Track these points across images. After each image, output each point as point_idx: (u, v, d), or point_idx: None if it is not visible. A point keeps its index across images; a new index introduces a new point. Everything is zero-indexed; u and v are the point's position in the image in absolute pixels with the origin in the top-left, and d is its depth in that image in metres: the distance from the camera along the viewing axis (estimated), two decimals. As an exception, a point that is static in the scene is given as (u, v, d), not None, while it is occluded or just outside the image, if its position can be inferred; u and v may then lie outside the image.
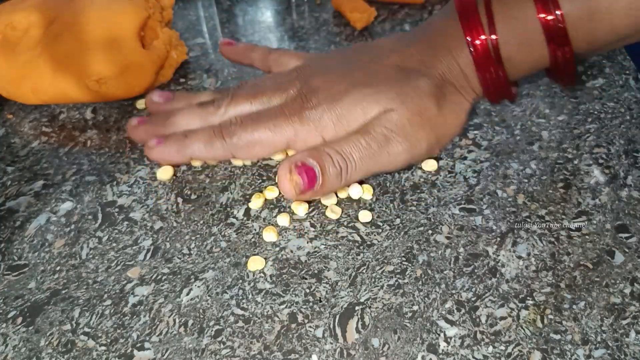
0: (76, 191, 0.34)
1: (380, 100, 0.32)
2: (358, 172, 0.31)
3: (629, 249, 0.29)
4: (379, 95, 0.32)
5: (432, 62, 0.33)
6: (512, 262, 0.29)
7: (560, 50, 0.32)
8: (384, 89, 0.32)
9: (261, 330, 0.27)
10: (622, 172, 0.34)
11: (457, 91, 0.34)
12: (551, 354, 0.25)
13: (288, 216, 0.32)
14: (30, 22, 0.38)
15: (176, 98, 0.37)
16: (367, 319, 0.27)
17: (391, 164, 0.32)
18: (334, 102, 0.32)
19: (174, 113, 0.35)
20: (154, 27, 0.41)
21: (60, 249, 0.31)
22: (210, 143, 0.33)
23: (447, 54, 0.33)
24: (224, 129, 0.33)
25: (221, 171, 0.35)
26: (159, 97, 0.37)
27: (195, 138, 0.33)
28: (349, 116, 0.32)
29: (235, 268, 0.30)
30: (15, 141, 0.38)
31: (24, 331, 0.27)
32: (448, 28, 0.34)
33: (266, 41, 0.47)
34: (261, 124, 0.33)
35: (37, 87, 0.38)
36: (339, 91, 0.32)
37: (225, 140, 0.33)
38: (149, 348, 0.26)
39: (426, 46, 0.34)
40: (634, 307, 0.27)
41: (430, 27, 0.35)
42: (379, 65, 0.34)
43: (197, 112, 0.35)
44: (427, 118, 0.32)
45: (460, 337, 0.26)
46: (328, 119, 0.32)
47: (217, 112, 0.34)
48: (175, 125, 0.35)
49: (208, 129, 0.33)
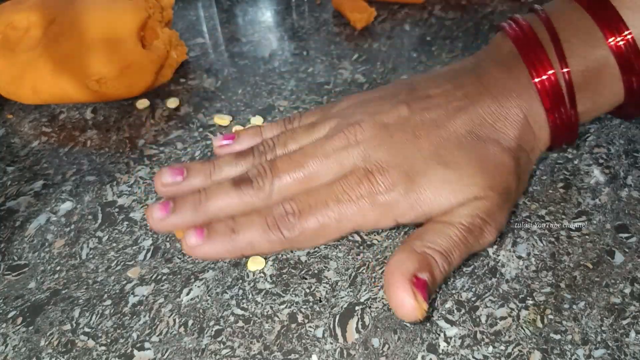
0: (76, 191, 0.34)
1: (466, 189, 0.27)
2: (456, 267, 0.27)
3: (629, 249, 0.29)
4: (465, 182, 0.27)
5: (506, 129, 0.28)
6: (512, 262, 0.29)
7: (636, 77, 0.28)
8: (469, 172, 0.27)
9: (261, 330, 0.27)
10: (622, 172, 0.34)
11: (528, 157, 0.29)
12: (551, 354, 0.25)
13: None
14: (30, 22, 0.38)
15: (191, 172, 0.30)
16: (367, 319, 0.27)
17: (480, 249, 0.28)
18: (411, 184, 0.27)
19: (206, 196, 0.28)
20: (154, 27, 0.41)
21: (60, 249, 0.31)
22: (266, 237, 0.27)
23: (517, 108, 0.29)
24: (279, 221, 0.27)
25: (221, 171, 0.35)
26: (172, 177, 0.30)
27: (246, 233, 0.27)
28: (431, 203, 0.27)
29: (235, 268, 0.30)
30: (15, 141, 0.38)
31: (24, 331, 0.27)
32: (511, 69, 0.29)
33: (266, 41, 0.47)
34: (322, 209, 0.27)
35: (37, 87, 0.38)
36: (413, 170, 0.27)
37: (283, 234, 0.27)
38: (149, 348, 0.26)
39: (492, 100, 0.29)
40: (634, 307, 0.27)
41: (488, 71, 0.30)
42: (446, 130, 0.28)
43: (234, 194, 0.28)
44: (511, 198, 0.28)
45: (460, 337, 0.26)
46: (406, 204, 0.27)
47: (260, 194, 0.28)
48: (211, 212, 0.28)
49: (259, 220, 0.27)
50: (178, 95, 0.42)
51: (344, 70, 0.43)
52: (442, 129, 0.28)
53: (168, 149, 0.37)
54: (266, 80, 0.43)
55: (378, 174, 0.27)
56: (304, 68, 0.44)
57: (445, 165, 0.27)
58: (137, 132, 0.39)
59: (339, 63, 0.44)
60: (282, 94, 0.41)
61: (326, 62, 0.44)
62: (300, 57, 0.45)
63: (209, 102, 0.41)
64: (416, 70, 0.43)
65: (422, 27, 0.48)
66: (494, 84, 0.29)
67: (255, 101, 0.41)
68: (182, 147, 0.37)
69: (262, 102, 0.41)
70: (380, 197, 0.27)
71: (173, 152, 0.37)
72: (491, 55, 0.31)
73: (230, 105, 0.41)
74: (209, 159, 0.36)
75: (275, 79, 0.43)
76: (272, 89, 0.42)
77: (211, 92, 0.42)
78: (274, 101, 0.41)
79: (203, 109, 0.40)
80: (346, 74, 0.43)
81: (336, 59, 0.45)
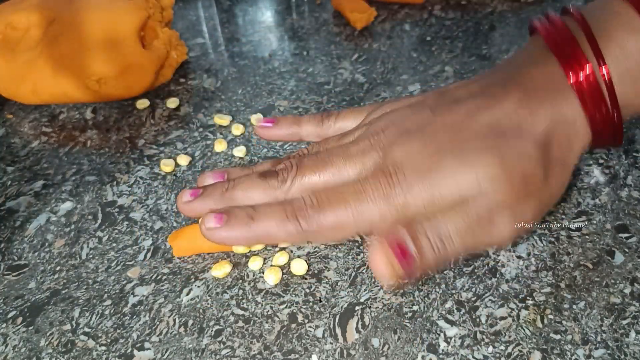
0: (76, 191, 0.34)
1: (478, 170, 0.26)
2: (456, 254, 0.27)
3: (629, 249, 0.29)
4: (476, 165, 0.27)
5: (532, 118, 0.28)
6: (512, 262, 0.29)
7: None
8: (481, 156, 0.27)
9: (261, 330, 0.27)
10: (622, 172, 0.34)
11: (563, 149, 0.28)
12: (551, 354, 0.25)
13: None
14: (30, 22, 0.38)
15: (230, 172, 0.32)
16: (367, 319, 0.27)
17: (494, 241, 0.28)
18: (424, 178, 0.27)
19: (233, 184, 0.30)
20: (154, 27, 0.41)
21: (60, 249, 0.31)
22: (283, 227, 0.28)
23: (547, 103, 0.28)
24: (298, 210, 0.27)
25: (221, 171, 0.35)
26: (213, 178, 0.31)
27: (264, 221, 0.28)
28: (443, 192, 0.27)
29: (235, 268, 0.30)
30: (15, 141, 0.38)
31: (24, 331, 0.27)
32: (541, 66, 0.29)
33: (266, 41, 0.47)
34: (341, 205, 0.27)
35: (37, 87, 0.38)
36: (426, 164, 0.27)
37: (301, 224, 0.27)
38: (149, 348, 0.26)
39: (519, 97, 0.28)
40: (634, 307, 0.27)
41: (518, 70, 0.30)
42: (468, 131, 0.28)
43: (259, 184, 0.29)
44: (533, 187, 0.27)
45: (460, 337, 0.26)
46: (419, 198, 0.27)
47: (283, 186, 0.29)
48: (235, 199, 0.29)
49: (278, 209, 0.28)
50: (178, 95, 0.42)
51: (344, 70, 0.43)
52: (464, 131, 0.28)
53: (168, 149, 0.37)
54: (266, 80, 0.43)
55: (393, 169, 0.28)
56: (304, 68, 0.44)
57: (457, 153, 0.27)
58: (137, 132, 0.39)
59: (339, 63, 0.44)
60: (282, 94, 0.41)
61: (326, 62, 0.44)
62: (300, 57, 0.45)
63: (209, 102, 0.41)
64: (416, 70, 0.43)
65: (422, 27, 0.48)
66: (522, 80, 0.29)
67: (255, 101, 0.41)
68: (182, 147, 0.37)
69: (262, 102, 0.41)
70: (395, 193, 0.27)
71: (173, 152, 0.37)
72: (523, 54, 0.31)
73: (230, 105, 0.41)
74: (209, 158, 0.36)
75: (275, 79, 0.43)
76: (272, 89, 0.42)
77: (211, 92, 0.42)
78: (274, 101, 0.41)
79: (203, 109, 0.40)
80: (346, 74, 0.43)
81: (336, 59, 0.45)
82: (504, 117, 0.28)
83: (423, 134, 0.29)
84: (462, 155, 0.27)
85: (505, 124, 0.28)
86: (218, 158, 0.36)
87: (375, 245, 0.26)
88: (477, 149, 0.27)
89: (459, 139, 0.28)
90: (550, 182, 0.28)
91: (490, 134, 0.28)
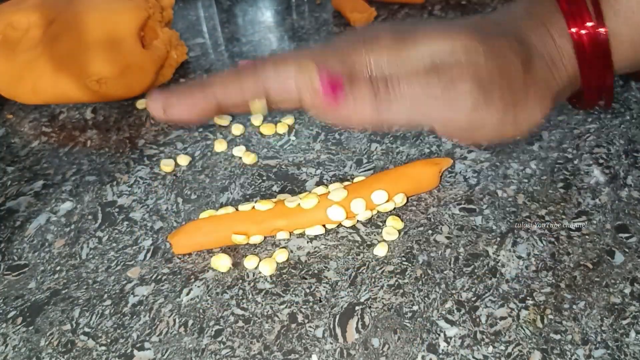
0: (76, 191, 0.34)
1: (455, 41, 0.25)
2: (402, 109, 0.25)
3: (629, 249, 0.29)
4: (454, 37, 0.26)
5: (521, 30, 0.27)
6: (512, 262, 0.29)
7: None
8: (462, 32, 0.26)
9: (261, 330, 0.27)
10: (622, 172, 0.34)
11: (547, 67, 0.27)
12: (551, 354, 0.25)
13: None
14: (30, 22, 0.38)
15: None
16: (367, 319, 0.27)
17: (450, 114, 0.26)
18: (397, 39, 0.26)
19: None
20: (154, 27, 0.41)
21: (60, 249, 0.31)
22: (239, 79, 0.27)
23: (540, 25, 0.28)
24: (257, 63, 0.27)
25: (221, 171, 0.35)
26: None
27: (220, 75, 0.27)
28: (412, 52, 0.26)
29: (235, 268, 0.30)
30: (15, 141, 0.38)
31: (24, 331, 0.27)
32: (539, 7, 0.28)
33: (266, 41, 0.47)
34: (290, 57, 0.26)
35: (37, 87, 0.38)
36: (404, 31, 0.27)
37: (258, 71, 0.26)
38: (149, 348, 0.26)
39: (512, 18, 0.28)
40: (634, 307, 0.27)
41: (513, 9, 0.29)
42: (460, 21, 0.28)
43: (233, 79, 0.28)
44: (509, 76, 0.26)
45: (460, 337, 0.26)
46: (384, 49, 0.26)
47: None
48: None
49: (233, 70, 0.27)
50: (178, 95, 0.42)
51: (344, 70, 0.43)
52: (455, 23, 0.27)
53: (168, 149, 0.37)
54: (266, 80, 0.43)
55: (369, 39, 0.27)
56: (304, 68, 0.44)
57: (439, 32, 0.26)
58: (137, 132, 0.39)
59: (339, 63, 0.44)
60: (282, 94, 0.41)
61: (326, 62, 0.44)
62: (300, 57, 0.45)
63: (209, 102, 0.41)
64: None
65: (422, 27, 0.48)
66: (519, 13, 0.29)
67: (255, 101, 0.41)
68: (182, 147, 0.37)
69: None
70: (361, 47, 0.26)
71: (173, 152, 0.37)
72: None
73: (230, 105, 0.41)
74: (209, 159, 0.36)
75: (275, 79, 0.43)
76: (272, 89, 0.42)
77: (211, 92, 0.42)
78: (274, 101, 0.41)
79: (203, 109, 0.40)
80: (346, 74, 0.43)
81: (336, 59, 0.45)
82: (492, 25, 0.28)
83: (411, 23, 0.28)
84: (442, 28, 0.26)
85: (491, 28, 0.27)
86: (218, 158, 0.36)
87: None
88: (460, 26, 0.26)
89: (446, 24, 0.27)
90: (528, 89, 0.27)
91: (475, 26, 0.27)
